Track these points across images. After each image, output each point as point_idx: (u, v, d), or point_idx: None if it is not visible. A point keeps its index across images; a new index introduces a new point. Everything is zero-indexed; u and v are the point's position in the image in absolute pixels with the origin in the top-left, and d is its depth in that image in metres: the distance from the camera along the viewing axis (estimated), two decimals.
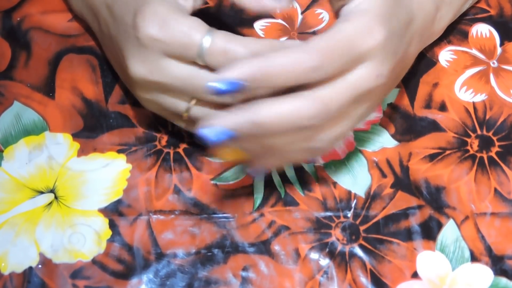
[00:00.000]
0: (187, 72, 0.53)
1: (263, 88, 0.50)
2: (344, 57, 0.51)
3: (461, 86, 0.64)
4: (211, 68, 0.53)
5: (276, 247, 0.57)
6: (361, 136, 0.61)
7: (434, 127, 0.62)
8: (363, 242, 0.57)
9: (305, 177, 0.60)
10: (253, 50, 0.52)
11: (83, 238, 0.57)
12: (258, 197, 0.59)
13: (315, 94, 0.51)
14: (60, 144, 0.60)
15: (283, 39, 0.65)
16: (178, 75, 0.53)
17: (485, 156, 0.61)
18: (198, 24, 0.52)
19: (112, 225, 0.57)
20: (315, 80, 0.51)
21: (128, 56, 0.55)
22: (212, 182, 0.59)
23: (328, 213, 0.58)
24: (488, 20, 0.67)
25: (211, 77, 0.51)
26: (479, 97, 0.63)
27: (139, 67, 0.54)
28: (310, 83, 0.51)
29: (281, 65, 0.50)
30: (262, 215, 0.58)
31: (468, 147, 0.61)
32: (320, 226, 0.58)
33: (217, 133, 0.50)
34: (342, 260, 0.57)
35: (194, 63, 0.53)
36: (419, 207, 0.59)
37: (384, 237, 0.58)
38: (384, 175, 0.60)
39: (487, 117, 0.62)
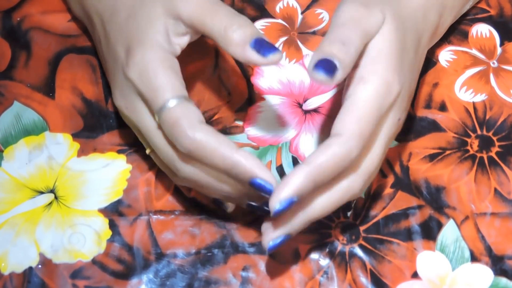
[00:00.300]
0: (150, 123, 0.54)
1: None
2: (375, 126, 0.52)
3: (461, 86, 0.64)
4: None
5: None
6: None
7: (434, 127, 0.62)
8: (363, 242, 0.57)
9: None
10: (197, 138, 0.51)
11: (83, 238, 0.57)
12: None
13: (361, 171, 0.53)
14: (60, 144, 0.60)
15: (283, 38, 0.65)
16: (144, 122, 0.54)
17: (485, 156, 0.61)
18: (172, 85, 0.53)
19: (112, 225, 0.57)
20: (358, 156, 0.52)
21: (114, 83, 0.56)
22: None
23: None
24: (488, 20, 0.67)
25: (163, 144, 0.53)
26: (479, 97, 0.63)
27: (120, 98, 0.55)
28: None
29: (329, 167, 0.51)
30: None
31: (468, 147, 0.61)
32: (320, 226, 0.58)
33: (286, 206, 0.51)
34: (342, 260, 0.57)
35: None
36: (419, 207, 0.59)
37: (384, 237, 0.58)
38: (384, 175, 0.60)
39: (487, 117, 0.62)
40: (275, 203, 0.50)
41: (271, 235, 0.53)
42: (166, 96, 0.52)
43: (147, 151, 0.56)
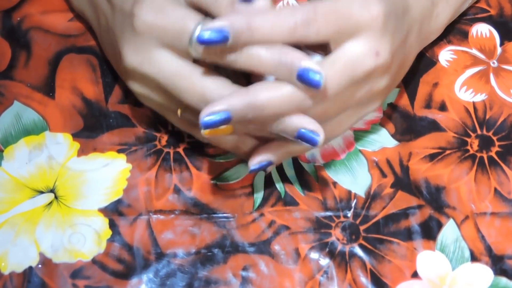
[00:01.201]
0: (177, 69, 0.53)
1: (250, 42, 0.51)
2: (337, 23, 0.51)
3: (461, 86, 0.64)
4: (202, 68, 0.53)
5: (276, 247, 0.57)
6: (361, 136, 0.61)
7: (434, 127, 0.62)
8: (363, 242, 0.57)
9: (305, 177, 0.60)
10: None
11: (83, 238, 0.57)
12: (258, 197, 0.59)
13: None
14: (60, 144, 0.60)
15: None
16: (168, 71, 0.53)
17: (485, 156, 0.61)
18: (193, 13, 0.52)
19: (112, 225, 0.57)
20: (306, 39, 0.51)
21: (123, 45, 0.55)
22: (212, 182, 0.59)
23: (328, 213, 0.58)
24: (488, 20, 0.67)
25: (198, 82, 0.52)
26: (479, 97, 0.63)
27: (132, 56, 0.54)
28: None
29: (271, 21, 0.50)
30: (262, 215, 0.58)
31: (468, 147, 0.61)
32: (320, 226, 0.58)
33: (215, 114, 0.50)
34: (342, 260, 0.57)
35: (186, 58, 0.53)
36: (419, 207, 0.59)
37: (384, 237, 0.58)
38: (384, 175, 0.60)
39: (487, 117, 0.62)
40: (206, 112, 0.50)
41: (210, 106, 0.51)
42: (192, 24, 0.51)
43: (179, 112, 0.55)
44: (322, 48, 0.53)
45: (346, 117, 0.55)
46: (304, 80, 0.50)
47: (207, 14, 0.53)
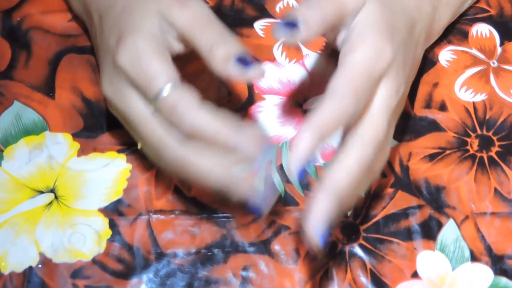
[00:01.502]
0: (141, 113, 0.53)
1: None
2: (367, 86, 0.52)
3: (461, 86, 0.64)
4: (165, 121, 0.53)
5: (276, 246, 0.57)
6: None
7: (434, 127, 0.62)
8: (363, 242, 0.57)
9: (305, 177, 0.60)
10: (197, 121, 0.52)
11: (83, 238, 0.57)
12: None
13: (366, 135, 0.52)
14: (60, 144, 0.60)
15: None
16: (133, 111, 0.54)
17: (485, 156, 0.61)
18: (167, 70, 0.52)
19: (112, 225, 0.57)
20: (356, 118, 0.52)
21: (103, 72, 0.56)
22: None
23: None
24: (488, 20, 0.67)
25: (157, 131, 0.53)
26: (479, 97, 0.63)
27: (107, 86, 0.55)
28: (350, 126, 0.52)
29: (331, 119, 0.51)
30: None
31: (468, 147, 0.61)
32: None
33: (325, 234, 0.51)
34: (342, 260, 0.57)
35: (151, 105, 0.53)
36: (419, 206, 0.59)
37: (384, 237, 0.58)
38: (384, 175, 0.60)
39: (487, 117, 0.62)
40: (292, 173, 0.50)
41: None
42: (161, 82, 0.52)
43: (139, 146, 0.56)
44: None
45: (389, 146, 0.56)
46: None
47: None
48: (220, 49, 0.52)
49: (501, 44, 0.65)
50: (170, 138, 0.52)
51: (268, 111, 0.62)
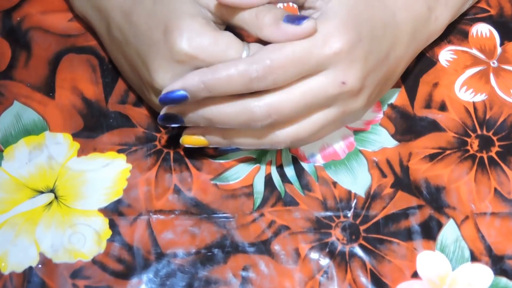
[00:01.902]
0: None
1: (210, 95, 0.53)
2: (297, 67, 0.53)
3: (461, 86, 0.64)
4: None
5: (276, 247, 0.57)
6: (361, 136, 0.61)
7: (434, 127, 0.62)
8: (363, 242, 0.57)
9: (305, 177, 0.60)
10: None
11: (83, 238, 0.57)
12: (258, 197, 0.59)
13: (264, 99, 0.53)
14: (60, 144, 0.60)
15: None
16: None
17: (485, 156, 0.61)
18: (234, 40, 0.54)
19: (112, 225, 0.57)
20: (265, 88, 0.53)
21: (157, 69, 0.55)
22: (212, 182, 0.59)
23: (328, 213, 0.58)
24: (488, 20, 0.67)
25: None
26: (479, 97, 0.63)
27: (169, 80, 0.54)
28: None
29: (224, 77, 0.52)
30: (262, 215, 0.58)
31: (468, 147, 0.61)
32: (320, 226, 0.58)
33: (169, 116, 0.54)
34: (342, 260, 0.57)
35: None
36: (419, 207, 0.59)
37: (384, 237, 0.58)
38: (384, 175, 0.60)
39: (487, 117, 0.62)
40: (166, 90, 0.53)
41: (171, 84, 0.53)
42: (237, 52, 0.53)
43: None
44: None
45: (323, 130, 0.56)
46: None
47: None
48: (266, 16, 0.53)
49: (501, 44, 0.65)
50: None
51: None
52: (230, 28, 0.56)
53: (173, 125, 0.56)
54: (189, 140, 0.57)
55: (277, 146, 0.56)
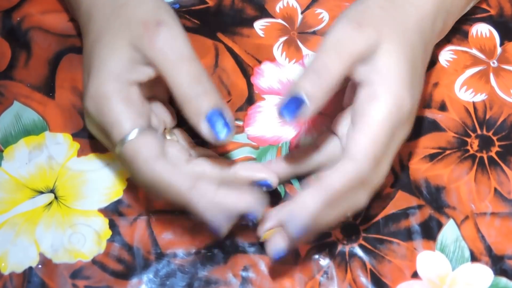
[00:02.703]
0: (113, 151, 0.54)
1: None
2: (387, 144, 0.52)
3: (461, 86, 0.64)
4: None
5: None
6: None
7: (434, 127, 0.62)
8: (363, 242, 0.57)
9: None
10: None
11: (83, 238, 0.57)
12: None
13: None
14: (60, 144, 0.60)
15: (283, 38, 0.65)
16: (109, 147, 0.55)
17: (485, 156, 0.61)
18: (129, 117, 0.52)
19: (112, 225, 0.57)
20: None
21: (84, 96, 0.54)
22: None
23: None
24: (488, 20, 0.66)
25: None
26: (479, 97, 0.63)
27: (87, 124, 0.55)
28: None
29: (342, 189, 0.51)
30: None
31: (468, 147, 0.61)
32: None
33: (302, 231, 0.51)
34: (342, 260, 0.57)
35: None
36: (419, 207, 0.59)
37: (384, 237, 0.58)
38: None
39: (487, 117, 0.62)
40: (295, 232, 0.51)
41: (278, 245, 0.53)
42: (123, 130, 0.52)
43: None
44: None
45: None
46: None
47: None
48: (192, 101, 0.51)
49: (501, 44, 0.65)
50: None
51: (268, 111, 0.62)
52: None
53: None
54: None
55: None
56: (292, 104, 0.51)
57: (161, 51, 0.52)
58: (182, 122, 0.57)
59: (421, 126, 0.62)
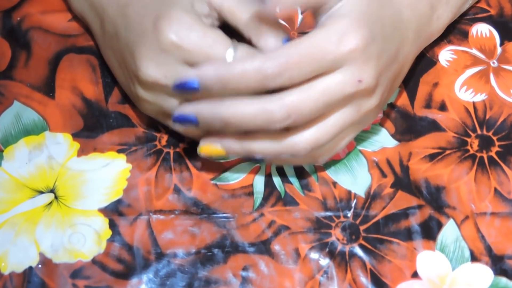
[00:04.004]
0: None
1: (223, 91, 0.52)
2: (313, 64, 0.52)
3: (461, 85, 0.64)
4: None
5: (276, 247, 0.57)
6: (361, 136, 0.61)
7: (434, 127, 0.62)
8: (363, 242, 0.57)
9: (305, 177, 0.60)
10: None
11: (83, 238, 0.57)
12: (258, 197, 0.59)
13: (283, 98, 0.52)
14: (60, 144, 0.60)
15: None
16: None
17: (485, 156, 0.61)
18: (222, 37, 0.54)
19: (112, 225, 0.57)
20: (280, 86, 0.52)
21: (142, 57, 0.55)
22: (212, 182, 0.59)
23: (328, 213, 0.58)
24: (488, 20, 0.67)
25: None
26: (479, 97, 0.63)
27: (154, 70, 0.54)
28: (279, 88, 0.52)
29: (240, 73, 0.51)
30: (262, 215, 0.58)
31: (468, 147, 0.61)
32: (320, 226, 0.58)
33: (183, 116, 0.53)
34: (342, 260, 0.57)
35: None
36: (419, 207, 0.59)
37: (384, 237, 0.58)
38: (384, 175, 0.60)
39: (487, 116, 0.62)
40: (179, 80, 0.53)
41: (181, 107, 0.54)
42: (222, 49, 0.53)
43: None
44: None
45: (342, 135, 0.55)
46: None
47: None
48: (267, 36, 0.54)
49: (501, 44, 0.65)
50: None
51: None
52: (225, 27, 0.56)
53: (187, 126, 0.55)
54: (206, 149, 0.55)
55: (297, 154, 0.54)
56: None
57: None
58: None
59: (421, 126, 0.62)
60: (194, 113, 0.53)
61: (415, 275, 0.56)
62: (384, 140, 0.61)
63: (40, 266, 0.56)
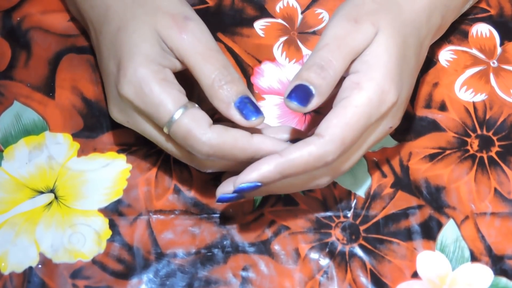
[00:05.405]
0: (158, 135, 0.55)
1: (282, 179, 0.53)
2: (359, 134, 0.52)
3: (461, 86, 0.64)
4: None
5: (276, 247, 0.57)
6: None
7: (434, 127, 0.62)
8: (363, 242, 0.57)
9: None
10: (214, 141, 0.52)
11: (83, 238, 0.57)
12: (258, 197, 0.59)
13: (329, 171, 0.54)
14: (60, 144, 0.60)
15: (283, 38, 0.65)
16: (151, 134, 0.55)
17: (485, 156, 0.61)
18: (172, 97, 0.53)
19: (112, 225, 0.57)
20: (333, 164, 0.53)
21: (109, 98, 0.56)
22: (212, 182, 0.59)
23: (328, 213, 0.58)
24: (488, 20, 0.67)
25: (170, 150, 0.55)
26: (479, 97, 0.63)
27: (117, 114, 0.56)
28: None
29: (301, 165, 0.52)
30: (262, 215, 0.58)
31: (468, 147, 0.61)
32: (320, 226, 0.58)
33: (247, 187, 0.52)
34: (342, 260, 0.57)
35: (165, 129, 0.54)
36: (419, 207, 0.59)
37: (384, 237, 0.58)
38: (384, 175, 0.60)
39: (487, 117, 0.62)
40: (239, 183, 0.52)
41: (225, 189, 0.54)
42: (169, 110, 0.52)
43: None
44: None
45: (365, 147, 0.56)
46: None
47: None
48: (221, 88, 0.53)
49: (501, 44, 0.65)
50: (193, 156, 0.54)
51: (268, 111, 0.62)
52: None
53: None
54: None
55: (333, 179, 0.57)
56: (301, 92, 0.52)
57: (191, 43, 0.54)
58: None
59: (421, 126, 0.62)
60: (259, 180, 0.52)
61: (415, 275, 0.56)
62: (384, 140, 0.61)
63: (40, 266, 0.56)
